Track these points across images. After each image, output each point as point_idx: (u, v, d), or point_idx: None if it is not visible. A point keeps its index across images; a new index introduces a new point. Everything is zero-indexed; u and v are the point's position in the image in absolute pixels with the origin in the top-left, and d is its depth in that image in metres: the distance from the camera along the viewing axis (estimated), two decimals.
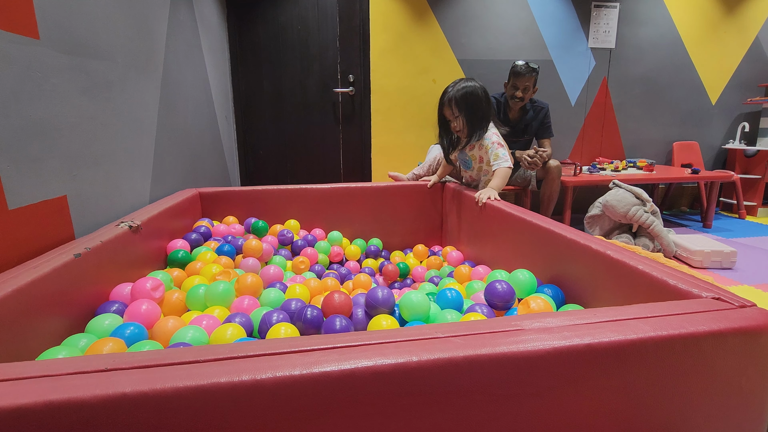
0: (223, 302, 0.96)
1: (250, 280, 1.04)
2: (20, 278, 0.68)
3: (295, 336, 0.78)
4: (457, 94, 1.51)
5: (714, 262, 2.09)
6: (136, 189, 1.34)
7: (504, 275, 1.07)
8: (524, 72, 2.42)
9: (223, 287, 0.97)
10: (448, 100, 1.54)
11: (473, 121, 1.54)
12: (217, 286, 0.97)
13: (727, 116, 3.46)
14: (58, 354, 0.65)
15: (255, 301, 0.99)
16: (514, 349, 0.47)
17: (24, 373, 0.41)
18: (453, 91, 1.53)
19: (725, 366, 0.52)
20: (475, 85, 1.52)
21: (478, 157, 1.65)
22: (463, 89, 1.51)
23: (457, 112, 1.53)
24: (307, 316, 0.84)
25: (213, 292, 0.96)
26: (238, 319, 0.86)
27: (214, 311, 0.92)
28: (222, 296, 0.96)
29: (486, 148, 1.58)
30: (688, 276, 0.67)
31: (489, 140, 1.57)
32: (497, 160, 1.53)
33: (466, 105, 1.52)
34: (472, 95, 1.51)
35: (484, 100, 1.53)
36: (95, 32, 1.13)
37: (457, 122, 1.55)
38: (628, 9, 3.12)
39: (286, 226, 1.67)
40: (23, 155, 0.85)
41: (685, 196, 3.55)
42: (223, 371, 0.41)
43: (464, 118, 1.54)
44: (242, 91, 2.91)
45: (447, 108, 1.55)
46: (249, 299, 0.98)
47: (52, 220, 0.92)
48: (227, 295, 0.97)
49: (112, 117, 1.21)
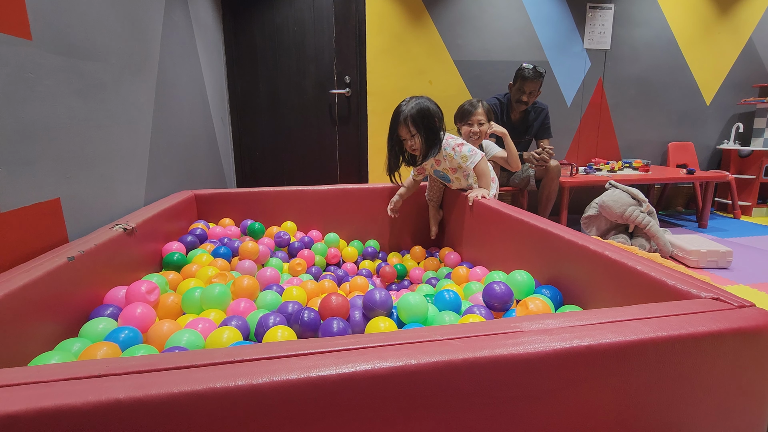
0: (219, 305, 0.95)
1: (247, 283, 1.03)
2: (12, 282, 0.67)
3: (292, 339, 0.77)
4: (413, 112, 1.45)
5: (710, 262, 2.10)
6: (130, 191, 1.32)
7: (502, 276, 1.07)
8: (532, 77, 2.44)
9: (219, 290, 0.96)
10: (404, 119, 1.47)
11: (429, 138, 1.49)
12: (212, 289, 0.96)
13: (721, 117, 3.48)
14: (51, 359, 0.64)
15: (251, 304, 0.98)
16: (513, 351, 0.46)
17: (15, 379, 0.40)
18: (408, 110, 1.46)
19: (725, 366, 0.51)
20: (428, 102, 1.48)
21: (450, 169, 1.63)
22: (417, 106, 1.45)
23: (414, 130, 1.47)
24: (305, 319, 0.84)
25: (209, 295, 0.95)
26: (234, 322, 0.86)
27: (210, 314, 0.92)
28: (218, 299, 0.95)
29: (450, 156, 1.55)
30: (686, 276, 0.67)
31: (448, 148, 1.53)
32: (468, 161, 1.50)
33: (423, 123, 1.47)
34: (427, 112, 1.46)
35: (437, 117, 1.49)
36: (89, 33, 1.12)
37: (414, 141, 1.50)
38: (623, 10, 3.13)
39: (282, 228, 1.66)
40: (16, 157, 0.84)
41: (681, 196, 3.57)
42: (219, 376, 0.41)
43: (421, 137, 1.48)
44: (238, 92, 2.90)
45: (403, 127, 1.49)
46: (245, 302, 0.97)
47: (45, 223, 0.91)
48: (223, 297, 0.96)
49: (107, 118, 1.19)
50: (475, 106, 2.11)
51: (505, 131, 2.13)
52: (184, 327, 0.82)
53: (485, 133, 2.11)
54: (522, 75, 2.46)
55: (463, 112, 2.16)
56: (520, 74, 2.48)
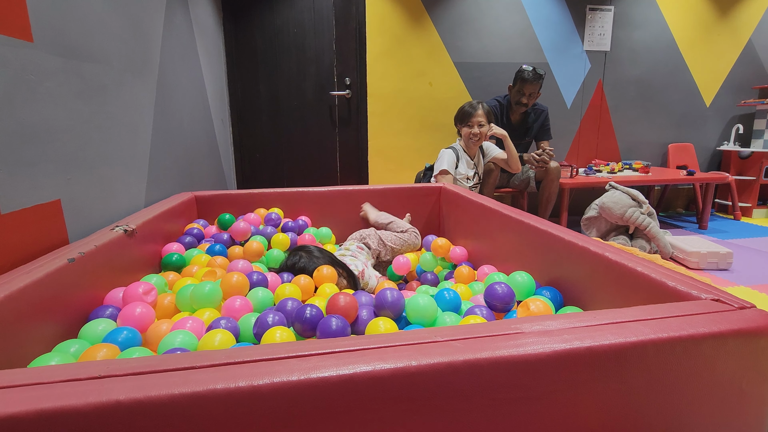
0: (211, 303, 0.93)
1: (236, 280, 0.99)
2: (13, 283, 0.67)
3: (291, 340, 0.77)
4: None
5: (710, 264, 2.10)
6: (131, 193, 1.32)
7: (502, 277, 1.07)
8: (532, 79, 2.44)
9: (209, 288, 0.94)
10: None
11: None
12: (203, 287, 0.93)
13: (721, 118, 3.49)
14: (51, 360, 0.64)
15: (246, 302, 0.96)
16: (514, 352, 0.46)
17: (16, 380, 0.40)
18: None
19: (726, 368, 0.51)
20: None
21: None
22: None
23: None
24: (306, 317, 0.81)
25: (199, 293, 0.92)
26: (224, 322, 0.83)
27: (204, 314, 0.89)
28: (208, 297, 0.93)
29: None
30: (687, 277, 0.67)
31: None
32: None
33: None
34: None
35: None
36: (90, 35, 1.12)
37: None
38: (623, 12, 3.14)
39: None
40: (17, 159, 0.84)
41: (681, 197, 3.57)
42: (219, 377, 0.41)
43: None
44: (238, 94, 2.90)
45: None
46: (240, 299, 0.94)
47: (45, 225, 0.91)
48: (213, 295, 0.94)
49: (107, 120, 1.20)
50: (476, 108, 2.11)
51: (505, 133, 2.15)
52: (173, 326, 0.81)
53: (485, 134, 2.12)
54: (522, 77, 2.47)
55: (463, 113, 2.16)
56: (520, 76, 2.48)
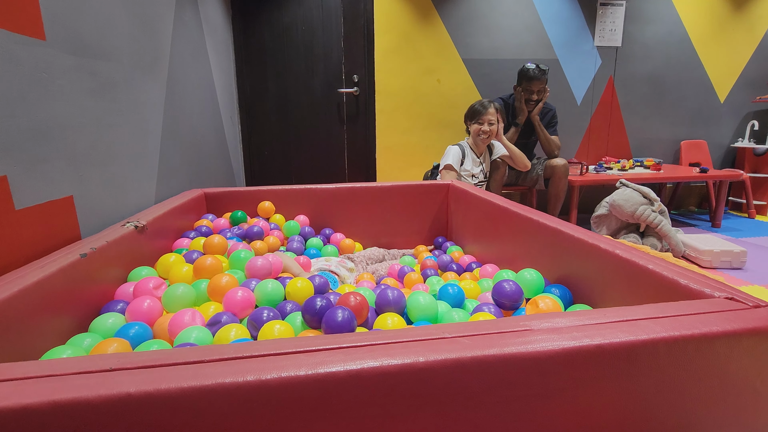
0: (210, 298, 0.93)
1: (225, 281, 0.92)
2: (27, 278, 0.68)
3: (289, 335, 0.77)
4: None
5: (723, 262, 2.06)
6: (141, 189, 1.34)
7: (511, 275, 1.06)
8: (537, 76, 2.43)
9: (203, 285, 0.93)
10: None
11: None
12: (198, 284, 0.93)
13: (735, 114, 3.42)
14: (63, 353, 0.65)
15: (249, 293, 0.92)
16: (522, 349, 0.46)
17: (28, 372, 0.41)
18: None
19: (739, 368, 0.50)
20: None
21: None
22: None
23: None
24: (316, 308, 0.80)
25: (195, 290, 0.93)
26: (225, 318, 0.82)
27: (208, 308, 0.89)
28: (203, 294, 0.93)
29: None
30: (699, 275, 0.66)
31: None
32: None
33: None
34: None
35: None
36: (101, 33, 1.13)
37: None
38: (635, 7, 3.09)
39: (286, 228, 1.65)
40: (30, 156, 0.85)
41: (694, 195, 3.52)
42: (227, 371, 0.41)
43: None
44: (247, 91, 2.92)
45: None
46: (243, 290, 0.90)
47: (58, 220, 0.93)
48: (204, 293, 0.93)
49: (118, 118, 1.21)
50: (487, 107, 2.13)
51: (502, 135, 2.27)
52: (168, 322, 0.81)
53: (494, 132, 2.13)
54: (527, 75, 2.45)
55: (474, 111, 2.17)
56: (525, 75, 2.46)
